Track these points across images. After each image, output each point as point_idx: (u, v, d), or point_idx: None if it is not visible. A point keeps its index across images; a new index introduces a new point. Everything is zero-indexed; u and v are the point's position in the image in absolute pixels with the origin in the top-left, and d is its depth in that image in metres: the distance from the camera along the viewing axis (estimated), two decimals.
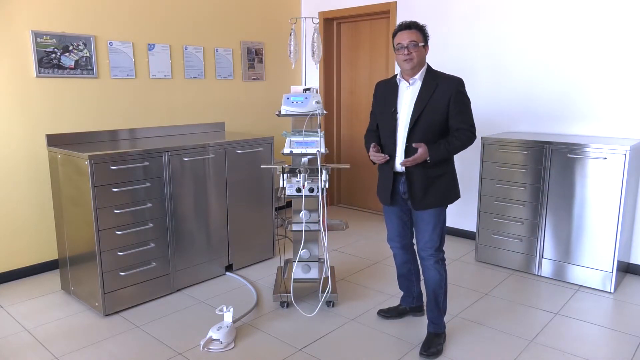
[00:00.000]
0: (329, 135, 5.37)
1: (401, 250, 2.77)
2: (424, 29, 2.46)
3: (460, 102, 2.43)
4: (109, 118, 3.82)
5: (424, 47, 2.44)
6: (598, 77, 3.53)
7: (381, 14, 4.79)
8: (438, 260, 2.55)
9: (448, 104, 2.41)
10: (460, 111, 2.43)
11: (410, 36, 2.41)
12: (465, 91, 2.46)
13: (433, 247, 2.53)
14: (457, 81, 2.46)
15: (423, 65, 2.48)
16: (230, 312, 2.70)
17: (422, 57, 2.44)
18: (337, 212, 5.34)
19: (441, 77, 2.47)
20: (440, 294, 2.59)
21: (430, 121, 2.42)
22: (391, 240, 2.77)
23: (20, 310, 3.04)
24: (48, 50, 3.43)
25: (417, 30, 2.43)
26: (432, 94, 2.42)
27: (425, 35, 2.46)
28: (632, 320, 2.89)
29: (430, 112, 2.42)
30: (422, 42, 2.42)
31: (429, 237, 2.52)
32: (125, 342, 2.66)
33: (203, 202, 3.37)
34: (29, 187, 3.48)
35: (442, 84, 2.43)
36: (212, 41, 4.46)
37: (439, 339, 2.59)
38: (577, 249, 3.34)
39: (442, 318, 2.62)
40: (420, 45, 2.41)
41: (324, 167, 2.83)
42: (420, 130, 2.43)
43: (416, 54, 2.40)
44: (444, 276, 2.58)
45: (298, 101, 2.89)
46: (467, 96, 2.46)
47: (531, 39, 3.79)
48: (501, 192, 3.61)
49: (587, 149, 3.21)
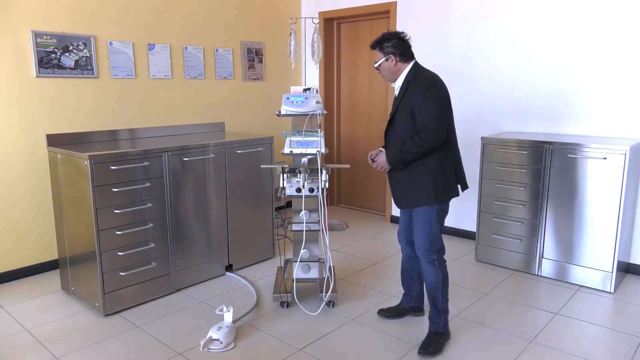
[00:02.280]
0: (329, 135, 5.37)
1: (406, 246, 2.80)
2: (383, 42, 2.49)
3: (419, 102, 2.40)
4: (109, 118, 3.82)
5: (387, 60, 2.50)
6: (598, 77, 3.53)
7: (381, 14, 4.79)
8: (431, 261, 2.56)
9: (411, 107, 2.42)
10: (419, 112, 2.40)
11: (374, 57, 2.57)
12: (430, 89, 2.41)
13: (423, 247, 2.55)
14: (422, 80, 2.45)
15: (399, 72, 2.52)
16: (230, 312, 2.70)
17: (388, 70, 2.53)
18: (337, 212, 5.34)
19: (414, 78, 2.47)
20: (437, 295, 2.58)
21: (401, 125, 2.49)
22: (399, 234, 2.81)
23: (20, 310, 3.04)
24: (48, 50, 3.43)
25: (377, 48, 2.53)
26: (402, 96, 2.48)
27: (384, 48, 2.49)
28: (632, 320, 2.89)
29: (401, 114, 2.48)
30: (381, 58, 2.51)
31: (420, 237, 2.56)
32: (125, 342, 2.66)
33: (203, 202, 3.37)
34: (29, 187, 3.48)
35: (411, 85, 2.46)
36: (212, 41, 4.46)
37: (438, 338, 2.59)
38: (577, 249, 3.34)
39: (441, 318, 2.61)
40: (380, 62, 2.52)
41: (324, 167, 2.83)
42: (395, 132, 2.53)
43: (383, 72, 2.55)
44: (440, 277, 2.57)
45: (298, 101, 2.89)
46: (428, 95, 2.40)
47: (532, 38, 3.79)
48: (501, 192, 3.61)
49: (587, 149, 3.21)
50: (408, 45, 2.51)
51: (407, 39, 2.52)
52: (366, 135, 5.21)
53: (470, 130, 4.14)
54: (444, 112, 2.42)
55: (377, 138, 5.10)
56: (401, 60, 2.49)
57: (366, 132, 5.21)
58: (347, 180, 5.52)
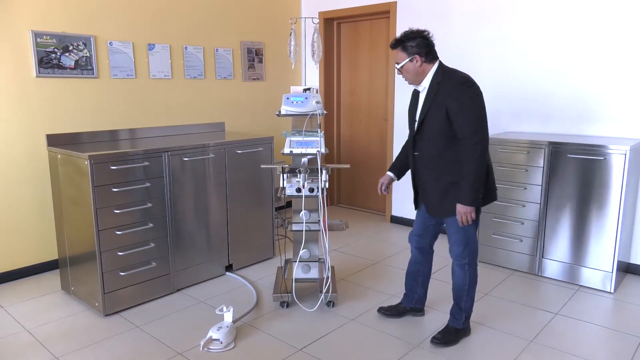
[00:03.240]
0: (329, 135, 5.37)
1: (416, 250, 2.79)
2: (406, 41, 2.34)
3: (457, 105, 2.27)
4: (109, 118, 3.82)
5: (411, 61, 2.36)
6: (598, 77, 3.53)
7: (381, 14, 4.79)
8: (462, 265, 2.54)
9: (446, 109, 2.29)
10: (458, 115, 2.28)
11: (395, 57, 2.42)
12: (467, 89, 2.29)
13: (457, 252, 2.54)
14: (457, 80, 2.32)
15: (425, 74, 2.39)
16: (230, 312, 2.70)
17: (413, 71, 2.38)
18: (337, 212, 5.34)
19: (446, 78, 2.34)
20: (462, 295, 2.59)
21: (433, 128, 2.35)
22: (411, 239, 2.79)
23: (20, 310, 3.04)
24: (48, 50, 3.43)
25: (399, 48, 2.37)
26: (433, 99, 2.34)
27: (408, 47, 2.34)
28: (632, 320, 2.88)
29: (432, 118, 2.34)
30: (405, 59, 2.36)
31: (453, 242, 2.54)
32: (125, 342, 2.65)
33: (203, 202, 3.37)
34: (28, 187, 3.48)
35: (443, 87, 2.32)
36: (212, 41, 4.46)
37: (456, 333, 2.62)
38: (577, 249, 3.34)
39: (462, 315, 2.62)
40: (404, 63, 2.37)
41: (324, 167, 2.83)
42: (426, 138, 2.40)
43: (405, 74, 2.41)
44: (467, 282, 2.55)
45: (298, 101, 2.89)
46: (467, 95, 2.28)
47: (532, 39, 3.79)
48: (501, 192, 3.61)
49: (587, 149, 3.21)
50: (432, 44, 2.38)
51: (431, 37, 2.38)
52: (366, 135, 5.21)
53: None
54: (485, 115, 2.32)
55: (377, 138, 5.10)
56: (427, 60, 2.36)
57: (366, 132, 5.21)
58: (347, 180, 5.52)
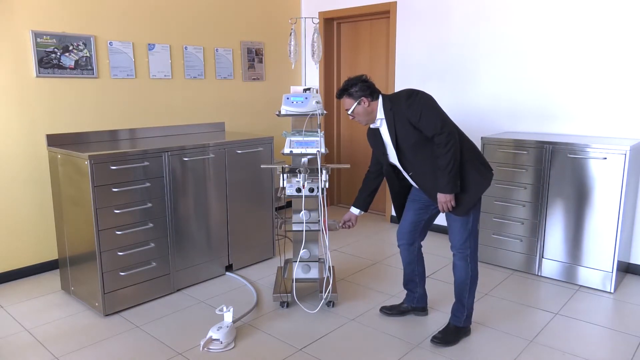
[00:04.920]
0: (329, 135, 5.37)
1: (406, 249, 2.79)
2: (350, 89, 2.50)
3: (416, 114, 2.39)
4: (109, 118, 3.82)
5: (359, 104, 2.49)
6: (598, 77, 3.53)
7: (381, 14, 4.79)
8: (464, 257, 2.57)
9: (410, 122, 2.41)
10: (421, 122, 2.38)
11: (344, 105, 2.57)
12: (415, 98, 2.41)
13: (459, 243, 2.56)
14: (403, 97, 2.46)
15: (375, 111, 2.52)
16: (230, 312, 2.70)
17: (364, 112, 2.51)
18: (337, 212, 5.34)
19: (394, 101, 2.48)
20: (464, 290, 2.60)
21: (410, 145, 2.46)
22: (399, 236, 2.79)
23: (20, 310, 3.04)
24: (48, 50, 3.43)
25: (345, 96, 2.53)
26: (394, 124, 2.47)
27: (353, 93, 2.49)
28: (632, 320, 2.89)
29: (405, 137, 2.46)
30: (353, 104, 2.50)
31: (455, 233, 2.56)
32: (125, 342, 2.65)
33: (203, 202, 3.37)
34: (28, 187, 3.48)
35: (396, 109, 2.46)
36: (212, 41, 4.46)
37: (457, 332, 2.63)
38: (577, 249, 3.34)
39: (464, 313, 2.62)
40: (353, 107, 2.50)
41: (324, 167, 2.83)
42: (411, 157, 2.50)
43: (358, 116, 2.54)
44: (469, 274, 2.58)
45: (298, 101, 2.89)
46: (418, 103, 2.40)
47: (531, 38, 3.79)
48: (501, 192, 3.61)
49: (587, 149, 3.21)
50: (373, 84, 2.54)
51: (370, 78, 2.55)
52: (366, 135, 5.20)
53: (471, 131, 4.13)
54: (439, 108, 2.42)
55: None
56: (372, 99, 2.51)
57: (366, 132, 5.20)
58: (347, 180, 5.52)
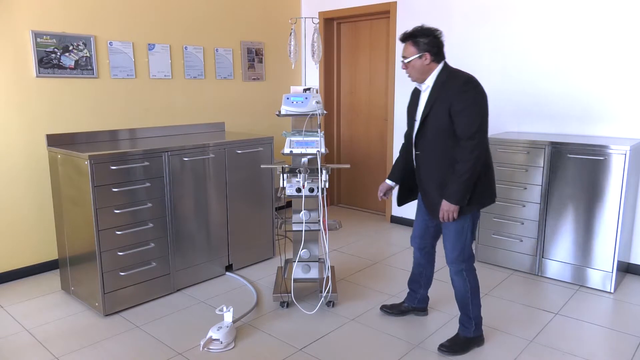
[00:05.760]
0: (329, 135, 5.37)
1: (418, 252, 2.76)
2: (418, 37, 2.30)
3: (461, 104, 2.22)
4: (109, 118, 3.82)
5: (420, 58, 2.31)
6: (598, 78, 3.53)
7: (381, 14, 4.79)
8: (459, 272, 2.47)
9: (449, 108, 2.25)
10: (460, 114, 2.23)
11: (404, 51, 2.37)
12: (472, 89, 2.25)
13: (452, 257, 2.46)
14: (462, 80, 2.27)
15: (430, 72, 2.34)
16: (230, 312, 2.70)
17: (419, 69, 2.33)
18: (337, 212, 5.34)
19: (450, 78, 2.30)
20: (467, 304, 2.50)
21: (435, 127, 2.31)
22: (412, 240, 2.76)
23: (20, 310, 3.04)
24: (48, 50, 3.43)
25: (409, 42, 2.33)
26: (436, 99, 2.30)
27: (420, 43, 2.29)
28: (632, 320, 2.88)
29: (435, 116, 2.30)
30: (414, 54, 2.31)
31: (449, 245, 2.46)
32: (125, 342, 2.65)
33: (203, 202, 3.37)
34: (28, 187, 3.48)
35: (447, 86, 2.28)
36: (212, 41, 4.46)
37: (467, 342, 2.53)
38: (577, 249, 3.34)
39: (472, 323, 2.52)
40: (412, 58, 2.32)
41: (324, 167, 2.83)
42: (428, 137, 2.36)
43: (411, 70, 2.36)
44: (468, 287, 2.47)
45: (298, 101, 2.89)
46: (471, 95, 2.24)
47: (532, 38, 3.79)
48: (501, 192, 3.61)
49: (587, 149, 3.21)
50: (443, 44, 2.34)
51: (442, 37, 2.34)
52: (366, 135, 5.21)
53: None
54: (485, 115, 2.27)
55: (377, 138, 5.10)
56: (435, 59, 2.32)
57: (366, 132, 5.21)
58: (347, 180, 5.52)
